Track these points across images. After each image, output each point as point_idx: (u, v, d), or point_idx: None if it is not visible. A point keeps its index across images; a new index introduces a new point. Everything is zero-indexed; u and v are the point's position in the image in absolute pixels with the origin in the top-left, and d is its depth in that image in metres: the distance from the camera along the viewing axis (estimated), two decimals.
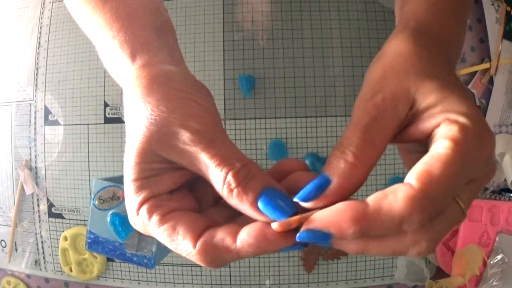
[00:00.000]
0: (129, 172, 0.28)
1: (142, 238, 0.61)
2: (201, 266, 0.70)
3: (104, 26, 0.34)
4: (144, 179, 0.28)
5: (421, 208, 0.23)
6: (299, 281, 0.69)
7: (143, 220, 0.27)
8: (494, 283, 0.64)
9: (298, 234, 0.25)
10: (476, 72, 0.67)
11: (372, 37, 0.69)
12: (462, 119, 0.25)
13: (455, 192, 0.25)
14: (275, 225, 0.25)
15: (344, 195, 0.26)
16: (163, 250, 0.65)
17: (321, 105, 0.69)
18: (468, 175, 0.25)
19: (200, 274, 0.71)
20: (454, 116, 0.25)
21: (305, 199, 0.26)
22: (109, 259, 0.73)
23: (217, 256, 0.26)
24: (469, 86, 0.67)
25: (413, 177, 0.23)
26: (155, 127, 0.28)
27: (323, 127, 0.69)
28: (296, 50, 0.69)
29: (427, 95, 0.26)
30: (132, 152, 0.28)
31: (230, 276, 0.70)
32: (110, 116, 0.73)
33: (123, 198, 0.61)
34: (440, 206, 0.24)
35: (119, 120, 0.72)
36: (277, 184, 0.27)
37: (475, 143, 0.24)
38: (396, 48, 0.30)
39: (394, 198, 0.23)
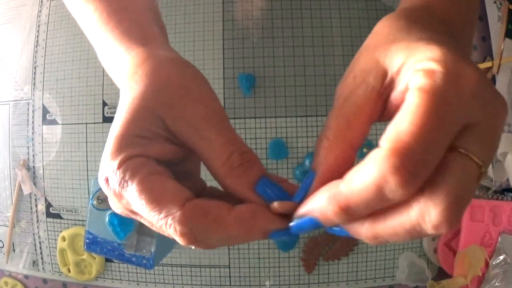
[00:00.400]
0: (120, 127, 0.27)
1: (141, 239, 0.61)
2: (201, 267, 0.70)
3: (106, 15, 0.34)
4: (136, 137, 0.27)
5: (395, 168, 0.20)
6: (300, 282, 0.69)
7: (123, 175, 0.25)
8: (496, 283, 0.63)
9: (291, 224, 0.25)
10: None
11: None
12: (426, 64, 0.22)
13: (445, 142, 0.22)
14: (275, 204, 0.25)
15: (332, 181, 0.24)
16: (162, 250, 0.64)
17: (321, 104, 0.68)
18: (454, 119, 0.22)
19: (200, 275, 0.70)
20: (418, 65, 0.23)
21: (300, 197, 0.25)
22: (107, 260, 0.72)
23: (201, 225, 0.24)
24: None
25: (383, 139, 0.21)
26: (167, 92, 0.28)
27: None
28: (297, 48, 0.69)
29: (395, 57, 0.24)
30: (132, 108, 0.27)
31: (229, 277, 0.69)
32: (109, 115, 0.72)
33: None
34: (427, 161, 0.21)
35: None
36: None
37: (446, 80, 0.22)
38: (373, 29, 0.28)
39: (364, 165, 0.21)
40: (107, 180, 0.26)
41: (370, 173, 0.21)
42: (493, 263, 0.64)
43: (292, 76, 0.69)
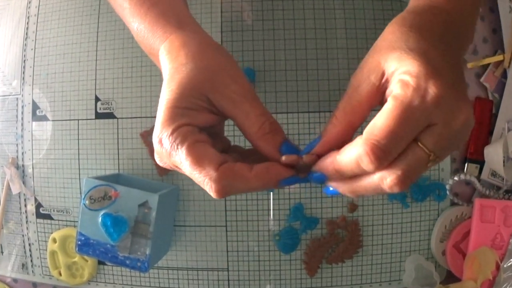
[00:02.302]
0: (171, 100, 0.34)
1: (136, 240, 0.59)
2: (198, 270, 0.68)
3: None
4: (185, 109, 0.34)
5: (366, 152, 0.30)
6: (302, 286, 0.66)
7: (174, 140, 0.33)
8: (508, 287, 0.61)
9: (310, 173, 0.35)
10: (489, 64, 0.64)
11: (378, 27, 0.66)
12: (404, 77, 0.31)
13: (408, 136, 0.30)
14: (283, 157, 0.35)
15: (330, 147, 0.34)
16: (158, 252, 0.63)
17: (324, 99, 0.66)
18: (415, 123, 0.30)
19: (197, 279, 0.68)
20: (401, 76, 0.31)
21: (304, 152, 0.35)
22: (100, 262, 0.70)
23: (231, 181, 0.33)
24: (481, 80, 0.64)
25: (365, 130, 0.31)
26: (210, 73, 0.35)
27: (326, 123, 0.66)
28: (298, 41, 0.66)
29: (391, 63, 0.32)
30: (182, 85, 0.34)
31: (228, 280, 0.67)
32: (102, 111, 0.69)
33: (115, 198, 0.59)
34: (390, 150, 0.30)
35: (111, 116, 0.69)
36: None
37: (415, 94, 0.30)
38: (382, 33, 0.36)
39: (351, 146, 0.32)
40: (160, 141, 0.34)
41: (353, 152, 0.31)
42: (505, 266, 0.62)
43: (294, 70, 0.66)
